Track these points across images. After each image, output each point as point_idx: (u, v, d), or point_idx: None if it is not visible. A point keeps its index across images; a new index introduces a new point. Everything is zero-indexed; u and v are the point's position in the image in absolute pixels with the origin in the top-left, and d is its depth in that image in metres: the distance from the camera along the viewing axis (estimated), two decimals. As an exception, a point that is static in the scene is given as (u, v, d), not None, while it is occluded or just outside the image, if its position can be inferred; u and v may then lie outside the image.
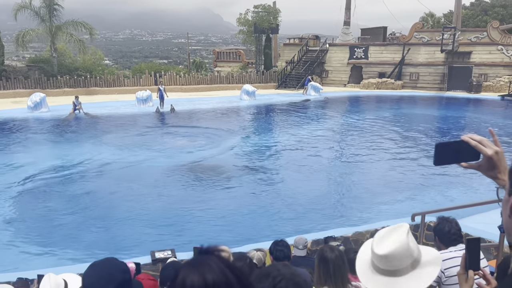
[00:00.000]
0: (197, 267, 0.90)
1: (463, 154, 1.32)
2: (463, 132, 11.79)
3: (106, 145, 15.22)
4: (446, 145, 1.34)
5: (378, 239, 1.58)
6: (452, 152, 1.33)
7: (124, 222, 8.59)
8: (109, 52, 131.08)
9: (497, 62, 29.46)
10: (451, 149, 1.33)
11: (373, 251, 1.56)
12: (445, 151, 1.34)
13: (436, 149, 1.34)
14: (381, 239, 1.57)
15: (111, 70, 34.56)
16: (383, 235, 1.59)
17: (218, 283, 0.87)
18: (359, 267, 1.66)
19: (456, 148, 1.32)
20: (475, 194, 9.66)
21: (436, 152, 1.34)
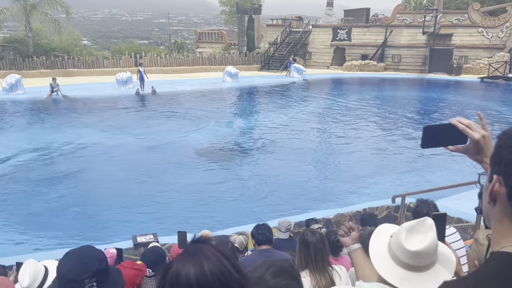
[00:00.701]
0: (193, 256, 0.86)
1: (450, 138, 1.31)
2: (444, 114, 12.02)
3: (85, 128, 14.93)
4: (434, 128, 1.33)
5: (407, 233, 1.54)
6: (440, 135, 1.32)
7: (105, 207, 8.49)
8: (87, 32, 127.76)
9: (477, 45, 29.78)
10: (439, 132, 1.33)
11: (401, 245, 1.53)
12: (432, 134, 1.33)
13: (424, 132, 1.33)
14: (411, 233, 1.54)
15: (89, 50, 33.72)
16: (411, 228, 1.56)
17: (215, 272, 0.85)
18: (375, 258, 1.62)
19: (443, 131, 1.32)
20: (454, 176, 9.84)
21: (424, 135, 1.33)
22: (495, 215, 1.05)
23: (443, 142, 1.33)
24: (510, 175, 0.98)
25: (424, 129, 1.34)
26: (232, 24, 38.01)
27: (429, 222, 1.56)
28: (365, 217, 4.46)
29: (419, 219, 1.59)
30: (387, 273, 1.54)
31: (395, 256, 1.54)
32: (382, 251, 1.59)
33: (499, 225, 1.04)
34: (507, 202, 1.00)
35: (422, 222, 1.56)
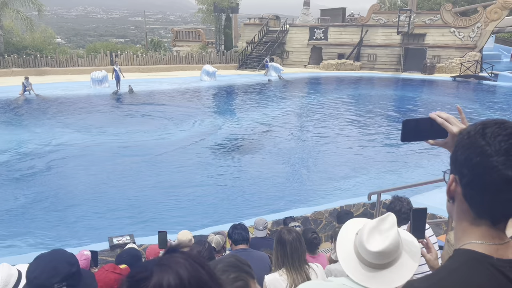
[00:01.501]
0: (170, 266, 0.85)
1: (430, 131, 1.32)
2: (419, 112, 12.27)
3: (59, 128, 14.61)
4: (413, 122, 1.34)
5: (368, 234, 1.55)
6: (419, 129, 1.33)
7: (81, 208, 8.34)
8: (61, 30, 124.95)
9: (450, 44, 30.50)
10: (418, 126, 1.33)
11: (364, 246, 1.54)
12: (412, 128, 1.33)
13: (404, 125, 1.33)
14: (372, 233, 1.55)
15: (63, 49, 32.98)
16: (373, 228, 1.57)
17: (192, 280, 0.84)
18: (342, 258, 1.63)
19: (423, 125, 1.32)
20: (428, 173, 10.06)
21: (403, 129, 1.33)
22: (455, 213, 1.07)
23: (422, 136, 1.34)
24: (464, 175, 0.99)
25: (403, 123, 1.34)
26: (210, 23, 37.80)
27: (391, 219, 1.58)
28: (341, 214, 4.52)
29: (382, 216, 1.61)
30: (353, 272, 1.56)
31: (360, 256, 1.56)
32: (348, 249, 1.61)
33: (458, 223, 1.07)
34: (463, 201, 1.01)
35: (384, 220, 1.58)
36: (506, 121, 0.97)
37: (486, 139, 0.95)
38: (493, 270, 0.96)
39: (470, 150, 0.97)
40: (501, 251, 0.99)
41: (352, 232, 1.66)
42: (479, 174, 0.95)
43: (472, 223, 1.02)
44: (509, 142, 0.93)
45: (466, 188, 1.00)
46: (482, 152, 0.95)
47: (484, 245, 0.99)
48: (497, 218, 0.99)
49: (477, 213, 1.00)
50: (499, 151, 0.93)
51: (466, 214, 1.03)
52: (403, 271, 1.56)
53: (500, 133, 0.95)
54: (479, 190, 0.97)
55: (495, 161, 0.93)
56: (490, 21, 28.97)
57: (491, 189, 0.94)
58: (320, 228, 7.08)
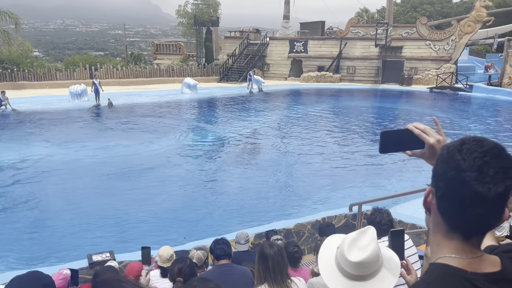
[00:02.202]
0: None
1: (407, 143, 1.34)
2: (398, 122, 12.47)
3: (35, 143, 14.31)
4: (391, 133, 1.35)
5: (349, 245, 1.57)
6: (397, 141, 1.34)
7: (59, 224, 8.14)
8: (39, 43, 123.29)
9: (426, 57, 31.28)
10: (396, 138, 1.35)
11: (344, 257, 1.55)
12: (390, 139, 1.35)
13: (382, 137, 1.35)
14: (352, 244, 1.57)
15: (41, 62, 32.49)
16: (353, 240, 1.58)
17: None
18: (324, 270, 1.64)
19: (400, 136, 1.34)
20: (409, 183, 10.20)
21: (382, 140, 1.35)
22: (431, 225, 1.10)
23: (400, 147, 1.35)
24: (439, 188, 1.02)
25: (381, 134, 1.35)
26: (190, 36, 37.88)
27: (370, 232, 1.61)
28: (323, 227, 4.53)
29: (362, 229, 1.63)
30: (334, 283, 1.58)
31: (341, 267, 1.58)
32: (329, 262, 1.63)
33: (433, 235, 1.09)
34: (438, 213, 1.04)
35: (364, 233, 1.61)
36: (485, 139, 1.00)
37: (462, 155, 0.98)
38: (467, 284, 0.98)
39: (448, 165, 1.00)
40: (474, 264, 1.01)
41: (333, 246, 1.68)
42: (452, 188, 0.98)
43: (445, 236, 1.04)
44: (484, 159, 0.96)
45: (440, 201, 1.02)
46: (457, 166, 0.97)
47: (457, 259, 1.01)
48: (469, 232, 1.01)
49: (450, 226, 1.02)
50: (472, 167, 0.95)
51: (440, 227, 1.05)
52: (383, 284, 1.57)
53: (476, 150, 0.97)
54: (451, 203, 0.99)
55: (467, 176, 0.95)
56: (464, 34, 29.86)
57: (462, 203, 0.97)
58: (302, 240, 7.08)
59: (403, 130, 1.34)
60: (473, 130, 17.22)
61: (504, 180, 0.94)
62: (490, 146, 0.98)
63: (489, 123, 18.93)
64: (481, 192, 0.94)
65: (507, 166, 0.96)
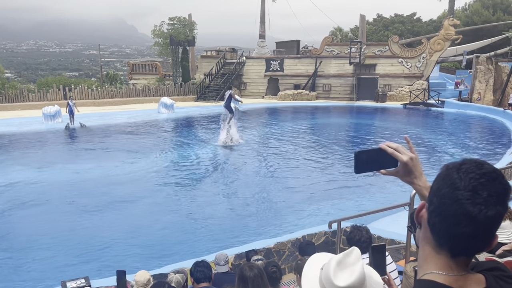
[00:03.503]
0: None
1: (381, 161, 1.35)
2: (374, 138, 12.62)
3: (8, 167, 13.87)
4: (365, 153, 1.36)
5: (335, 268, 1.54)
6: (371, 160, 1.35)
7: (31, 250, 7.84)
8: (10, 64, 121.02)
9: (399, 74, 32.12)
10: (370, 157, 1.35)
11: (331, 281, 1.52)
12: (364, 159, 1.35)
13: (356, 157, 1.35)
14: (338, 268, 1.54)
15: (12, 84, 31.82)
16: (339, 262, 1.55)
17: None
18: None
19: (374, 155, 1.35)
20: (387, 198, 10.30)
21: (356, 161, 1.35)
22: (420, 238, 1.10)
23: (375, 166, 1.36)
24: (432, 203, 1.03)
25: (355, 154, 1.36)
26: (166, 56, 37.90)
27: (355, 253, 1.59)
28: (303, 245, 4.49)
29: (346, 251, 1.61)
30: None
31: None
32: (313, 285, 1.59)
33: (421, 249, 1.09)
34: (428, 227, 1.05)
35: (349, 254, 1.59)
36: (485, 163, 1.01)
37: (460, 173, 0.99)
38: None
39: (444, 181, 1.01)
40: (460, 282, 1.01)
41: (316, 268, 1.65)
42: (444, 204, 0.99)
43: (433, 251, 1.04)
44: (480, 181, 0.97)
45: (431, 215, 1.03)
46: (452, 184, 0.99)
47: (443, 275, 1.02)
48: (455, 250, 1.02)
49: (438, 242, 1.03)
50: (467, 187, 0.96)
51: (429, 241, 1.05)
52: None
53: (473, 170, 0.99)
54: (441, 219, 1.00)
55: (461, 194, 0.96)
56: (434, 52, 30.87)
57: (451, 220, 0.98)
58: (283, 259, 7.01)
59: (376, 150, 1.35)
60: (447, 145, 17.64)
61: (496, 205, 0.96)
62: (489, 170, 0.99)
63: (462, 137, 19.44)
64: (472, 212, 0.95)
65: (501, 192, 0.97)
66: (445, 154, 15.76)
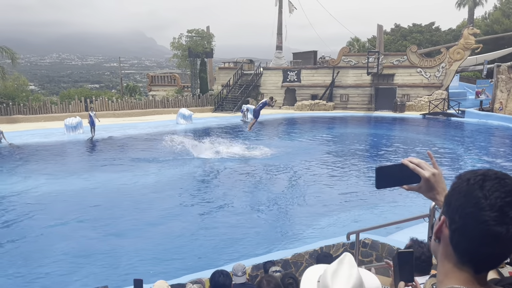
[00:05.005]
0: None
1: (403, 177, 1.33)
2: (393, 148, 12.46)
3: (31, 176, 14.20)
4: (387, 169, 1.34)
5: (332, 278, 1.55)
6: (393, 175, 1.34)
7: (54, 259, 7.97)
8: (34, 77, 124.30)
9: (417, 83, 31.80)
10: (391, 173, 1.34)
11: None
12: (385, 174, 1.34)
13: (377, 173, 1.34)
14: (336, 276, 1.55)
15: (36, 96, 32.70)
16: (334, 271, 1.57)
17: None
18: None
19: (396, 171, 1.33)
20: (406, 210, 10.14)
21: (377, 176, 1.34)
22: (439, 254, 1.09)
23: (396, 182, 1.35)
24: (454, 221, 1.00)
25: (376, 170, 1.34)
26: (185, 67, 38.43)
27: (348, 259, 1.60)
28: (320, 257, 4.46)
29: (339, 258, 1.62)
30: None
31: None
32: None
33: (441, 264, 1.08)
34: (449, 244, 1.03)
35: (342, 261, 1.59)
36: (507, 177, 0.99)
37: (484, 192, 0.96)
38: None
39: (466, 199, 0.98)
40: None
41: (313, 281, 1.65)
42: (469, 224, 0.96)
43: (454, 267, 1.03)
44: (506, 200, 0.94)
45: (453, 234, 1.01)
46: (477, 204, 0.95)
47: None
48: (480, 267, 1.00)
49: (461, 259, 1.01)
50: (493, 207, 0.94)
51: (450, 257, 1.04)
52: None
53: (498, 189, 0.95)
54: (466, 239, 0.98)
55: (487, 215, 0.94)
56: (454, 61, 30.49)
57: (477, 241, 0.95)
58: (301, 271, 6.96)
59: (398, 165, 1.34)
60: (469, 156, 17.31)
61: None
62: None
63: (484, 148, 19.06)
64: (499, 232, 0.93)
65: None
66: (466, 165, 15.47)
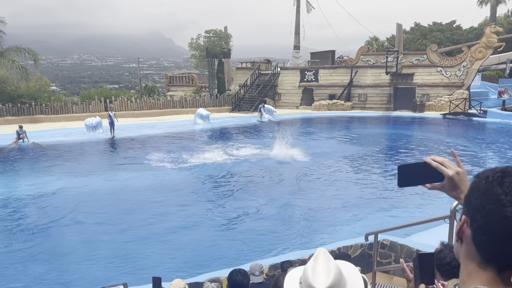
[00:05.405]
0: None
1: (426, 176, 1.32)
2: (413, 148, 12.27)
3: (52, 175, 14.50)
4: (409, 167, 1.33)
5: (312, 275, 1.57)
6: (415, 174, 1.32)
7: (73, 256, 8.13)
8: (56, 78, 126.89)
9: (437, 83, 31.29)
10: (414, 171, 1.32)
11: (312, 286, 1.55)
12: (408, 173, 1.33)
13: (399, 171, 1.33)
14: (314, 273, 1.57)
15: (58, 96, 33.37)
16: (313, 268, 1.59)
17: None
18: None
19: (418, 169, 1.32)
20: (426, 211, 10.00)
21: (400, 174, 1.33)
22: (462, 254, 1.07)
23: (419, 181, 1.33)
24: (476, 220, 0.99)
25: (399, 168, 1.33)
26: (203, 68, 38.69)
27: (323, 253, 1.61)
28: (338, 258, 4.43)
29: (314, 255, 1.63)
30: None
31: None
32: None
33: (464, 265, 1.06)
34: (472, 244, 1.01)
35: (318, 257, 1.61)
36: None
37: (504, 188, 0.94)
38: None
39: (486, 197, 0.97)
40: None
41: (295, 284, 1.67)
42: (491, 222, 0.95)
43: (478, 267, 1.01)
44: None
45: (476, 233, 0.99)
46: (498, 200, 0.94)
47: None
48: (503, 266, 0.99)
49: (484, 259, 1.00)
50: None
51: (473, 257, 1.02)
52: None
53: None
54: (488, 237, 0.96)
55: (509, 211, 0.92)
56: (475, 60, 29.90)
57: (500, 238, 0.94)
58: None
59: (421, 163, 1.32)
60: (491, 157, 16.95)
61: None
62: None
63: (506, 149, 18.63)
64: None
65: None
66: (488, 166, 15.14)
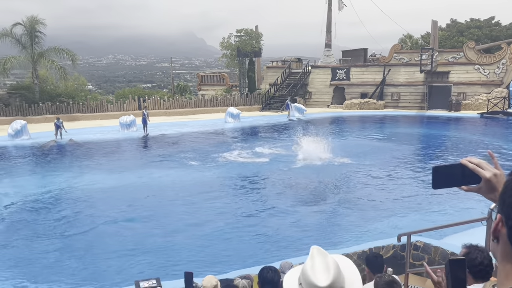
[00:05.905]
0: None
1: (462, 177, 1.29)
2: (449, 149, 11.95)
3: (88, 171, 14.99)
4: (444, 169, 1.30)
5: (312, 273, 1.58)
6: (451, 176, 1.30)
7: (108, 250, 8.39)
8: (92, 77, 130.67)
9: (475, 81, 30.25)
10: (449, 173, 1.30)
11: (314, 285, 1.55)
12: (443, 174, 1.31)
13: (434, 172, 1.31)
14: (314, 272, 1.58)
15: (94, 95, 34.42)
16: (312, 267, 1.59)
17: None
18: None
19: (454, 171, 1.29)
20: (462, 212, 9.73)
21: (434, 176, 1.31)
22: (498, 254, 1.06)
23: (454, 182, 1.30)
24: (511, 218, 0.97)
25: (433, 169, 1.31)
26: (233, 67, 38.95)
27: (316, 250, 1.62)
28: (370, 257, 4.35)
29: (309, 254, 1.63)
30: None
31: None
32: None
33: (502, 265, 1.05)
34: (508, 242, 1.00)
35: (313, 256, 1.61)
36: None
37: None
38: None
39: None
40: None
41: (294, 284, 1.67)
42: None
43: None
44: None
45: (511, 231, 0.98)
46: None
47: None
48: None
49: None
50: None
51: (509, 257, 1.01)
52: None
53: None
54: None
55: None
56: (515, 57, 28.74)
57: None
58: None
59: (456, 165, 1.29)
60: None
61: None
62: None
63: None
64: None
65: None
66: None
